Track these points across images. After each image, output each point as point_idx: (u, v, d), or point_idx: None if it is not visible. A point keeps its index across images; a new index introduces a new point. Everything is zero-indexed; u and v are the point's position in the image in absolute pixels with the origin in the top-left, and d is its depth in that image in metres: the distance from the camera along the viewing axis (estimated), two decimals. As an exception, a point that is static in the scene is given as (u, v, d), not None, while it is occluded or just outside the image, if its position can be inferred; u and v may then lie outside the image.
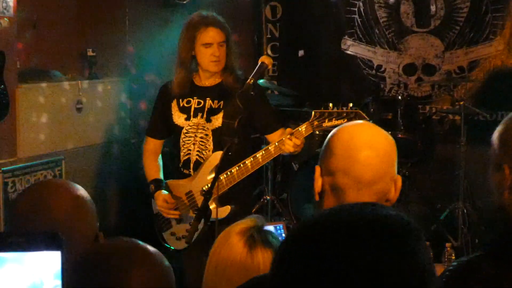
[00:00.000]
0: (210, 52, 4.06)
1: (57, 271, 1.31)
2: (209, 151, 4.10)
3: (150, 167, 4.29)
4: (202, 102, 4.16)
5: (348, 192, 1.86)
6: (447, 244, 5.50)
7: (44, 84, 5.31)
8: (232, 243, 2.12)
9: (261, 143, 5.24)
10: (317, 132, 5.25)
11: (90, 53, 5.75)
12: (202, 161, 4.10)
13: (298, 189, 5.88)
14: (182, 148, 4.16)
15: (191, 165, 4.14)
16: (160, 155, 4.36)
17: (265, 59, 3.80)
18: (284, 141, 3.84)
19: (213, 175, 3.82)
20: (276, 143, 3.89)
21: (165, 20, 6.39)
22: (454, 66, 6.63)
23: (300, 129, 3.89)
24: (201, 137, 4.12)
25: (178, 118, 4.18)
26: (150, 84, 6.25)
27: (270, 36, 7.13)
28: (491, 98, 6.43)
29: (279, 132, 4.15)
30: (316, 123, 3.92)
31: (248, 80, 3.60)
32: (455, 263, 1.92)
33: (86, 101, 5.60)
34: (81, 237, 1.84)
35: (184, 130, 4.15)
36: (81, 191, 1.96)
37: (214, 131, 4.09)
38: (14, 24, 4.83)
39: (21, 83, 5.02)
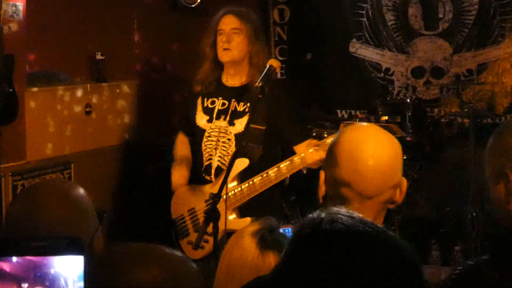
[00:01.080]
0: (220, 39, 3.90)
1: (79, 274, 1.32)
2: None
3: (174, 169, 4.08)
4: (227, 103, 3.96)
5: (352, 203, 1.86)
6: (456, 248, 5.49)
7: (53, 88, 5.32)
8: (244, 244, 2.12)
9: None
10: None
11: (99, 56, 5.76)
12: (224, 167, 3.86)
13: (306, 192, 5.87)
14: (204, 152, 3.95)
15: (213, 171, 3.93)
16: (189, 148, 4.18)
17: (273, 62, 3.65)
18: (310, 153, 3.66)
19: (235, 183, 3.74)
20: (302, 154, 3.70)
21: (174, 23, 6.40)
22: (463, 69, 6.62)
23: (327, 142, 3.63)
24: (223, 142, 3.91)
25: (201, 119, 3.99)
26: (159, 87, 6.26)
27: (278, 39, 7.14)
28: (499, 101, 6.42)
29: (305, 143, 3.92)
30: None
31: (256, 83, 3.53)
32: (460, 267, 1.92)
33: (95, 104, 5.61)
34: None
35: (206, 134, 3.96)
36: (77, 192, 1.91)
37: (237, 136, 3.88)
38: (23, 28, 4.85)
39: (30, 87, 5.04)
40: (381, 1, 6.78)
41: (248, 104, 3.88)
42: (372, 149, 1.88)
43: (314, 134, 5.98)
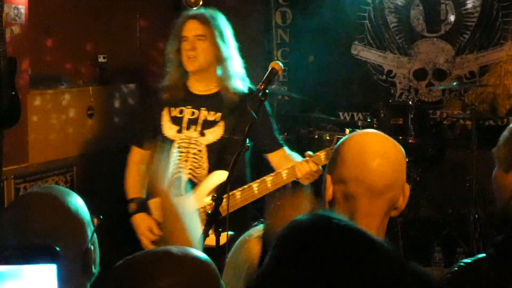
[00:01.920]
0: (184, 47, 3.65)
1: (53, 284, 1.29)
2: (203, 169, 3.64)
3: (132, 182, 3.77)
4: (197, 112, 3.70)
5: (361, 201, 1.85)
6: (459, 249, 5.49)
7: (55, 90, 5.33)
8: (250, 247, 2.13)
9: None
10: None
11: (101, 59, 5.77)
12: (195, 180, 3.62)
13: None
14: (172, 165, 3.64)
15: (182, 184, 3.62)
16: (145, 166, 3.85)
17: (275, 65, 3.49)
18: (300, 164, 3.42)
19: (210, 196, 3.46)
20: (290, 167, 3.46)
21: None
22: (465, 71, 6.62)
23: (320, 155, 3.43)
24: (194, 153, 3.64)
25: (169, 129, 3.71)
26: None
27: (280, 42, 7.14)
28: (502, 103, 6.42)
29: (280, 152, 3.74)
30: None
31: (259, 85, 3.46)
32: (458, 265, 1.92)
33: (97, 107, 5.62)
34: (67, 250, 1.72)
35: (175, 144, 3.67)
36: (71, 200, 1.85)
37: (209, 147, 3.64)
38: (25, 30, 4.86)
39: (32, 89, 5.04)
40: (383, 4, 6.78)
41: (220, 114, 3.66)
42: (379, 146, 1.89)
43: (316, 137, 5.99)
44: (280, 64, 3.50)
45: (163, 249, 1.54)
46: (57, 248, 1.29)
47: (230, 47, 3.74)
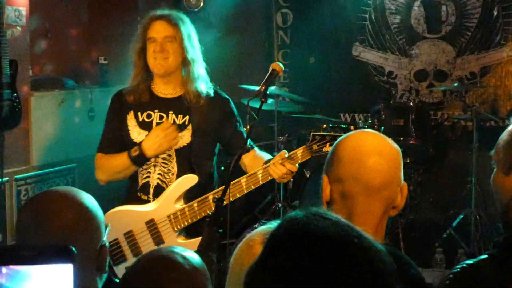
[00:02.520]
0: (152, 48, 3.50)
1: (69, 284, 1.30)
2: (172, 174, 3.53)
3: (113, 157, 3.59)
4: (165, 116, 3.57)
5: (358, 199, 1.85)
6: (460, 251, 5.49)
7: (56, 92, 5.33)
8: (256, 253, 2.12)
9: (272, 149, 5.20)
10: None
11: (102, 61, 5.78)
12: (164, 185, 3.52)
13: (310, 195, 5.88)
14: (141, 169, 3.55)
15: (151, 190, 3.53)
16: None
17: (276, 66, 3.42)
18: (275, 166, 3.30)
19: (181, 202, 3.45)
20: (264, 168, 3.36)
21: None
22: (466, 72, 6.62)
23: (297, 153, 3.34)
24: (163, 158, 3.52)
25: (138, 135, 3.56)
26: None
27: (281, 43, 7.14)
28: (503, 104, 6.42)
29: (252, 153, 3.63)
30: (315, 147, 3.35)
31: (260, 87, 3.44)
32: (458, 266, 1.92)
33: (98, 109, 5.62)
34: (84, 248, 1.78)
35: None
36: (87, 199, 1.90)
37: (179, 151, 3.53)
38: (26, 33, 4.86)
39: (33, 91, 5.05)
40: (384, 5, 6.79)
41: (187, 117, 3.54)
42: (375, 145, 1.90)
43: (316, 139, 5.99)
44: (281, 65, 3.48)
45: (166, 256, 1.62)
46: (73, 249, 1.30)
47: (196, 50, 3.62)
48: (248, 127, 3.51)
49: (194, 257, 1.74)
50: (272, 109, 5.83)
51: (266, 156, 3.65)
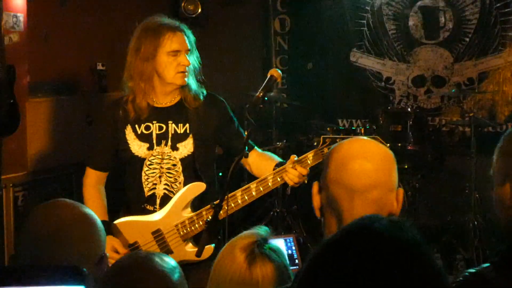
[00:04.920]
0: (178, 61, 3.45)
1: None
2: (179, 183, 3.49)
3: (94, 206, 3.47)
4: (164, 126, 3.52)
5: (342, 202, 1.84)
6: (458, 256, 5.48)
7: (54, 98, 5.33)
8: (234, 258, 2.13)
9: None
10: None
11: (100, 66, 5.77)
12: (171, 195, 3.48)
13: (308, 201, 5.86)
14: (146, 182, 3.50)
15: (158, 200, 3.50)
16: (103, 188, 3.67)
17: (274, 72, 3.40)
18: (287, 170, 3.30)
19: (189, 210, 3.43)
20: (274, 173, 3.36)
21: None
22: (464, 77, 6.63)
23: (308, 156, 3.34)
24: (168, 168, 3.49)
25: (139, 148, 3.50)
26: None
27: (279, 49, 7.15)
28: (500, 110, 6.42)
29: (254, 152, 3.60)
30: (326, 150, 3.29)
31: (258, 93, 3.41)
32: (463, 275, 1.91)
33: (96, 115, 5.62)
34: (87, 258, 1.83)
35: (147, 162, 3.49)
36: (88, 210, 1.95)
37: (184, 160, 3.50)
38: (24, 38, 4.86)
39: (31, 97, 5.04)
40: (381, 11, 6.79)
41: (188, 125, 3.50)
42: (363, 149, 1.88)
43: (315, 143, 5.99)
44: (279, 71, 3.48)
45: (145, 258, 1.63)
46: (84, 270, 1.30)
47: (197, 57, 3.60)
48: (246, 133, 3.50)
49: (170, 261, 1.78)
50: (270, 115, 5.83)
51: (269, 154, 3.63)
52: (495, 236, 5.63)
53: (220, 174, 5.31)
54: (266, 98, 3.34)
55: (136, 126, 3.51)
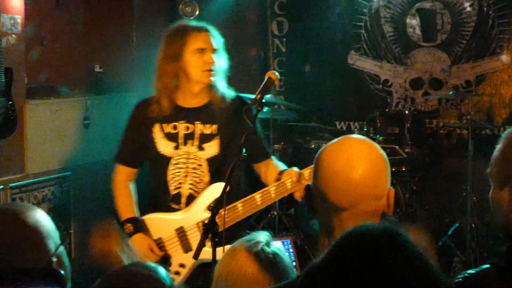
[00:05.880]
0: (204, 59, 3.54)
1: None
2: (204, 183, 3.57)
3: (124, 202, 3.63)
4: (191, 127, 3.59)
5: (330, 214, 1.83)
6: (456, 259, 5.48)
7: (51, 100, 5.32)
8: (241, 259, 2.13)
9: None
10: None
11: (97, 69, 5.77)
12: (196, 195, 3.56)
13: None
14: (171, 181, 3.58)
15: (183, 199, 3.58)
16: (134, 185, 3.73)
17: (272, 75, 3.45)
18: (292, 186, 3.35)
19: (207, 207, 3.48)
20: (277, 185, 3.40)
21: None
22: (461, 80, 6.63)
23: (304, 173, 3.37)
24: (194, 168, 3.56)
25: (166, 147, 3.59)
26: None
27: (276, 52, 7.15)
28: (498, 112, 6.43)
29: (268, 161, 3.64)
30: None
31: (255, 95, 3.44)
32: (461, 276, 1.90)
33: (93, 117, 5.61)
34: (26, 263, 1.78)
35: (173, 161, 3.58)
36: (32, 215, 1.86)
37: (210, 161, 3.57)
38: (22, 40, 4.86)
39: (29, 99, 5.04)
40: (379, 13, 6.80)
41: (216, 126, 3.57)
42: (349, 162, 1.83)
43: (312, 146, 5.99)
44: (277, 73, 3.48)
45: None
46: (62, 272, 1.29)
47: (224, 59, 3.69)
48: (244, 134, 3.51)
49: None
50: (267, 117, 5.83)
51: (282, 166, 3.61)
52: (492, 238, 5.63)
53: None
54: (263, 100, 3.35)
55: (164, 125, 3.60)
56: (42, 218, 1.88)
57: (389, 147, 5.32)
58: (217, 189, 3.45)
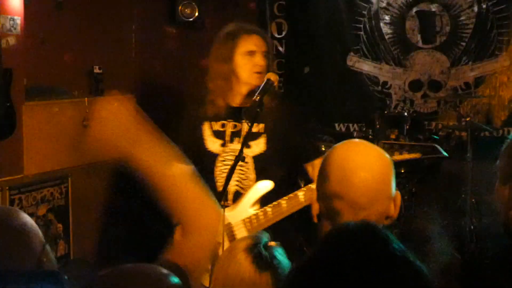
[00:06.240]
0: (254, 62, 3.64)
1: None
2: (250, 180, 3.65)
3: None
4: (239, 125, 3.69)
5: (345, 216, 1.83)
6: (454, 261, 5.48)
7: (51, 101, 5.31)
8: (239, 261, 2.12)
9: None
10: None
11: (96, 70, 5.77)
12: (242, 191, 3.65)
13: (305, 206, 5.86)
14: (218, 177, 3.68)
15: (230, 196, 3.66)
16: None
17: (271, 76, 3.52)
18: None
19: (256, 207, 3.57)
20: (307, 189, 3.49)
21: (171, 37, 6.42)
22: (460, 82, 6.63)
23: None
24: (240, 166, 3.58)
25: (213, 144, 3.70)
26: (157, 100, 6.26)
27: (275, 53, 7.14)
28: (497, 114, 6.43)
29: (319, 161, 3.75)
30: None
31: (255, 97, 3.48)
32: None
33: (92, 118, 5.60)
34: (16, 266, 1.79)
35: (220, 158, 3.68)
36: (15, 219, 1.87)
37: (256, 158, 3.65)
38: (21, 41, 4.85)
39: (28, 100, 5.03)
40: (378, 15, 6.80)
41: (262, 125, 3.66)
42: (362, 160, 1.86)
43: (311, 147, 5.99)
44: (276, 75, 3.50)
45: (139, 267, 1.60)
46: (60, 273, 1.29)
47: (272, 62, 3.82)
48: (242, 136, 3.56)
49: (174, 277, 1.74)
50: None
51: None
52: (492, 240, 5.63)
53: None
54: (263, 102, 3.37)
55: (213, 123, 3.71)
56: (25, 220, 1.89)
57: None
58: (263, 186, 3.55)
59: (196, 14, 6.32)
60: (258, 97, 3.38)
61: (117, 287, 1.54)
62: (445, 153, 3.73)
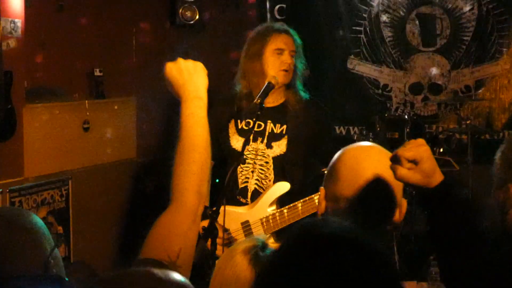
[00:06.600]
0: (281, 59, 3.74)
1: None
2: (269, 180, 3.72)
3: None
4: (263, 125, 3.76)
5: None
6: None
7: (51, 104, 5.32)
8: (236, 262, 2.12)
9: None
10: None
11: (97, 72, 5.76)
12: (261, 190, 3.72)
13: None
14: (240, 174, 3.75)
15: (249, 194, 3.75)
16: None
17: (272, 79, 3.56)
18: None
19: (274, 207, 3.60)
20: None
21: (172, 40, 6.42)
22: (461, 85, 6.63)
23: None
24: (261, 165, 3.70)
25: (237, 142, 3.77)
26: (157, 103, 6.27)
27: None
28: (497, 117, 6.43)
29: None
30: None
31: (255, 99, 3.48)
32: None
33: (93, 121, 5.61)
34: (22, 266, 1.79)
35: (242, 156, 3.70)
36: (24, 219, 1.89)
37: (276, 159, 3.72)
38: (21, 44, 4.86)
39: (28, 103, 5.04)
40: (379, 18, 6.80)
41: (285, 127, 3.71)
42: (374, 165, 1.86)
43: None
44: (276, 78, 3.50)
45: (145, 270, 1.57)
46: (66, 279, 1.29)
47: (303, 63, 3.90)
48: (243, 139, 3.57)
49: (178, 276, 1.71)
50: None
51: None
52: (491, 243, 5.62)
53: (217, 180, 5.31)
54: (263, 105, 3.37)
55: (238, 121, 3.80)
56: (36, 221, 1.89)
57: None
58: (282, 187, 3.60)
59: (197, 17, 6.32)
60: (259, 100, 3.39)
61: None
62: (457, 166, 3.80)
